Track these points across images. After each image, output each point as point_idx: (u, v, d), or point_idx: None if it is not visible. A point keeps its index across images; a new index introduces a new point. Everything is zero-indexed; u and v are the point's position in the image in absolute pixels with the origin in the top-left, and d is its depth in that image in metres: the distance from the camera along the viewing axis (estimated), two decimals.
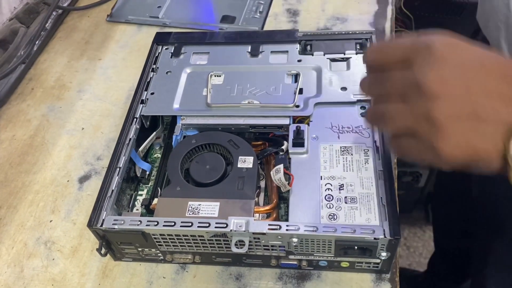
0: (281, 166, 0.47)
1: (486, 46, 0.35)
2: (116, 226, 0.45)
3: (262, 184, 0.52)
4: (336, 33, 0.61)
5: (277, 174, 0.46)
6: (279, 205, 0.50)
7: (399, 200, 0.50)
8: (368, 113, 0.40)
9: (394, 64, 0.36)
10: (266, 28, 0.76)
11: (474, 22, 1.13)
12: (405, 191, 1.39)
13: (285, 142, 0.51)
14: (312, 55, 0.59)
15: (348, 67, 0.57)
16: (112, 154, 0.51)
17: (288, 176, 0.47)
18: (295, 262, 0.47)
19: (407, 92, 0.35)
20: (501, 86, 0.33)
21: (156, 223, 0.44)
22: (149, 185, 0.55)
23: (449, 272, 1.12)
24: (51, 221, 0.57)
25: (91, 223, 0.46)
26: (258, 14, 0.78)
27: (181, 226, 0.44)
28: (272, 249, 0.46)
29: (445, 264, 1.13)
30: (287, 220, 0.45)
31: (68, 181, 0.60)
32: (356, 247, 0.43)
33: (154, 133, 0.57)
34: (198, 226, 0.44)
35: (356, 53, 0.58)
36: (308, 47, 0.60)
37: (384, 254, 0.44)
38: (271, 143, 0.54)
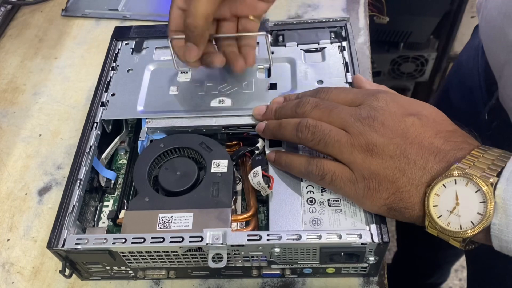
0: (259, 169, 0.43)
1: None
2: (79, 246, 0.41)
3: (239, 188, 0.48)
4: (309, 21, 0.58)
5: (256, 177, 0.43)
6: (258, 209, 0.46)
7: None
8: (304, 123, 0.42)
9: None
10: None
11: (445, 4, 1.12)
12: None
13: (260, 140, 0.48)
14: (285, 46, 0.55)
15: (323, 58, 0.54)
16: (71, 164, 0.46)
17: (267, 178, 0.43)
18: (278, 272, 0.44)
19: (350, 124, 0.39)
20: (436, 140, 0.36)
21: (123, 240, 0.40)
22: (115, 195, 0.51)
23: (413, 269, 1.12)
24: (8, 240, 0.52)
25: (51, 244, 0.41)
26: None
27: (151, 242, 0.40)
28: (253, 260, 0.42)
29: (408, 261, 1.13)
30: (267, 225, 0.42)
31: (26, 194, 0.55)
32: (342, 253, 0.40)
33: (118, 137, 0.53)
34: (170, 242, 0.40)
35: (331, 42, 0.55)
36: (280, 38, 0.57)
37: (372, 258, 0.41)
38: (246, 142, 0.50)
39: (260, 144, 0.47)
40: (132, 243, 0.40)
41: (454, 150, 0.36)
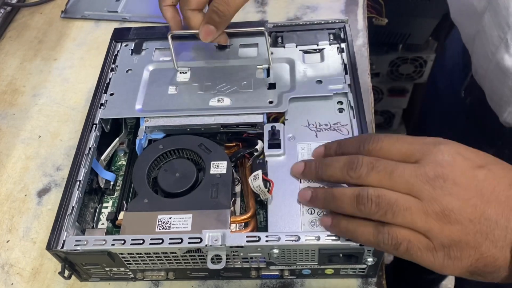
0: (259, 172, 0.43)
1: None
2: (78, 248, 0.41)
3: (238, 189, 0.48)
4: (308, 23, 0.58)
5: (256, 181, 0.43)
6: (257, 210, 0.46)
7: None
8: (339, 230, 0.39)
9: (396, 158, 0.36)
10: (233, 19, 0.71)
11: (444, 6, 1.12)
12: None
13: (259, 142, 0.48)
14: (284, 47, 0.56)
15: (322, 59, 0.54)
16: (70, 166, 0.47)
17: (267, 182, 0.43)
18: (277, 273, 0.44)
19: (418, 189, 0.34)
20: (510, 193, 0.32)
21: (122, 241, 0.40)
22: (114, 196, 0.51)
23: (416, 264, 1.12)
24: (8, 241, 0.52)
25: (51, 246, 0.41)
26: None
27: (150, 243, 0.40)
28: (252, 261, 0.42)
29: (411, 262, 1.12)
30: (266, 226, 0.42)
31: (25, 195, 0.55)
32: (341, 255, 0.40)
33: (117, 138, 0.53)
34: (169, 243, 0.40)
35: (330, 44, 0.55)
36: (279, 39, 0.57)
37: (370, 259, 0.41)
38: (245, 143, 0.50)
39: (259, 145, 0.47)
40: (131, 244, 0.40)
41: None
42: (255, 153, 0.48)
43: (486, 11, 0.49)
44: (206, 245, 0.39)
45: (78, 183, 0.45)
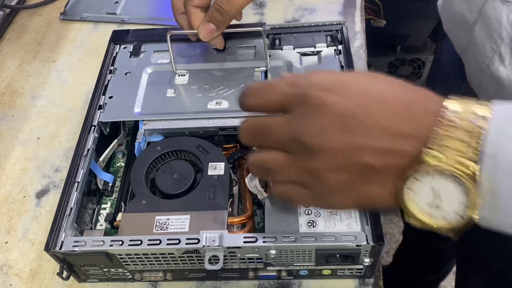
0: None
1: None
2: (77, 249, 0.41)
3: (235, 190, 0.48)
4: (306, 25, 0.58)
5: (252, 181, 0.43)
6: (255, 211, 0.47)
7: None
8: (250, 164, 0.37)
9: (272, 112, 0.35)
10: (231, 22, 0.72)
11: None
12: None
13: None
14: (282, 49, 0.56)
15: (320, 61, 0.54)
16: (69, 167, 0.47)
17: (264, 182, 0.44)
18: (274, 273, 0.45)
19: (288, 144, 0.33)
20: (390, 131, 0.30)
21: (120, 242, 0.41)
22: (113, 198, 0.51)
23: (416, 264, 1.12)
24: (6, 242, 0.52)
25: (49, 247, 0.41)
26: None
27: (148, 244, 0.40)
28: (249, 262, 0.43)
29: (412, 259, 1.13)
30: (263, 227, 0.42)
31: (24, 197, 0.56)
32: (338, 255, 0.41)
33: (116, 140, 0.53)
34: (167, 244, 0.40)
35: (327, 46, 0.55)
36: (277, 41, 0.57)
37: (367, 260, 0.41)
38: (243, 145, 0.51)
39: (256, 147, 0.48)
40: (129, 245, 0.40)
41: (421, 118, 0.30)
42: None
43: (477, 23, 0.49)
44: (203, 246, 0.40)
45: (76, 184, 0.45)
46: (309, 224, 0.41)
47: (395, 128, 0.30)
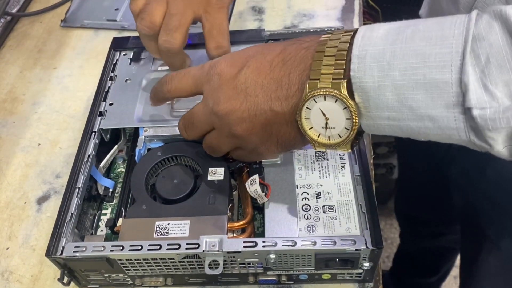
0: (256, 177, 0.44)
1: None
2: (77, 254, 0.41)
3: (235, 195, 0.49)
4: (304, 31, 0.59)
5: (253, 185, 0.43)
6: (255, 216, 0.47)
7: (375, 193, 0.48)
8: (204, 149, 0.46)
9: (189, 95, 0.43)
10: (230, 28, 0.72)
11: None
12: (380, 183, 1.39)
13: None
14: None
15: None
16: (70, 173, 0.47)
17: (264, 186, 0.44)
18: (274, 278, 0.45)
19: (210, 120, 0.41)
20: (274, 73, 0.36)
21: (121, 247, 0.41)
22: (113, 203, 0.51)
23: (415, 269, 1.12)
24: (7, 248, 0.52)
25: (50, 252, 0.42)
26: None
27: (148, 249, 0.40)
28: (249, 267, 0.43)
29: (410, 260, 1.13)
30: (263, 232, 0.43)
31: (25, 203, 0.56)
32: (337, 259, 0.41)
33: (116, 146, 0.54)
34: (167, 249, 0.40)
35: None
36: None
37: (366, 264, 0.41)
38: None
39: None
40: (130, 250, 0.41)
41: (295, 67, 0.35)
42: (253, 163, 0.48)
43: None
44: (203, 251, 0.40)
45: (77, 190, 0.46)
46: (309, 228, 0.42)
47: (278, 67, 0.37)
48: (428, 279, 1.10)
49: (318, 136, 0.36)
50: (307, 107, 0.35)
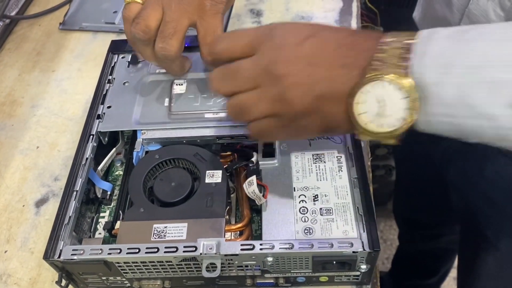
0: (254, 178, 0.44)
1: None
2: (75, 257, 0.41)
3: (233, 197, 0.49)
4: None
5: (251, 186, 0.43)
6: (252, 218, 0.47)
7: (373, 194, 0.49)
8: (228, 107, 0.42)
9: (241, 53, 0.40)
10: (229, 30, 0.73)
11: None
12: (379, 184, 1.39)
13: (255, 153, 0.48)
14: None
15: None
16: (68, 176, 0.47)
17: (262, 187, 0.44)
18: (272, 280, 0.45)
19: (258, 78, 0.38)
20: (341, 52, 0.36)
21: (119, 250, 0.41)
22: (111, 206, 0.51)
23: (414, 270, 1.12)
24: (6, 251, 0.52)
25: (48, 255, 0.42)
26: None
27: (146, 252, 0.40)
28: (247, 269, 0.43)
29: (409, 262, 1.13)
30: (261, 235, 0.43)
31: (23, 206, 0.56)
32: (334, 262, 0.41)
33: (114, 149, 0.54)
34: (165, 252, 0.40)
35: None
36: None
37: (363, 266, 0.42)
38: (240, 154, 0.51)
39: (254, 158, 0.48)
40: (127, 253, 0.41)
41: (362, 52, 0.36)
42: (250, 165, 0.48)
43: (460, 23, 0.50)
44: (201, 254, 0.40)
45: (75, 193, 0.46)
46: (306, 231, 0.42)
47: (345, 47, 0.37)
48: (428, 280, 1.10)
49: (367, 123, 0.35)
50: (364, 92, 0.35)
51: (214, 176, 0.47)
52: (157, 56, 0.48)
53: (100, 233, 0.49)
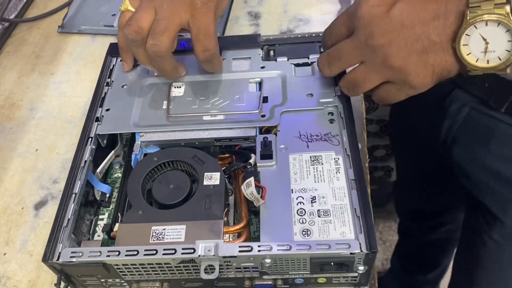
0: (251, 179, 0.44)
1: None
2: (74, 259, 0.41)
3: (231, 199, 0.49)
4: (299, 36, 0.59)
5: (249, 188, 0.44)
6: (251, 220, 0.47)
7: (372, 196, 0.49)
8: (342, 87, 0.48)
9: (343, 37, 0.45)
10: (227, 33, 0.73)
11: None
12: (378, 185, 1.39)
13: (253, 155, 0.49)
14: (276, 60, 0.57)
15: (313, 72, 0.55)
16: (66, 179, 0.47)
17: (260, 189, 0.44)
18: (270, 282, 0.45)
19: (361, 54, 0.43)
20: (431, 5, 0.39)
21: (117, 252, 0.41)
22: (110, 208, 0.52)
23: (415, 264, 1.12)
24: (5, 254, 0.52)
25: (47, 258, 0.42)
26: (219, 19, 0.75)
27: (144, 254, 0.41)
28: (245, 271, 0.43)
29: (410, 256, 1.13)
30: (259, 236, 0.43)
31: (22, 208, 0.56)
32: (332, 263, 0.41)
33: (113, 151, 0.54)
34: (163, 254, 0.40)
35: None
36: (271, 52, 0.58)
37: (361, 268, 0.42)
38: (238, 156, 0.51)
39: (252, 160, 0.48)
40: (126, 255, 0.41)
41: (449, 1, 0.38)
42: (248, 167, 0.49)
43: None
44: (199, 256, 0.40)
45: (74, 195, 0.46)
46: (304, 232, 0.42)
47: (433, 13, 0.39)
48: (428, 274, 1.10)
49: (476, 61, 0.38)
50: (466, 34, 0.37)
51: (212, 178, 0.47)
52: (149, 54, 0.49)
53: (99, 236, 0.49)
